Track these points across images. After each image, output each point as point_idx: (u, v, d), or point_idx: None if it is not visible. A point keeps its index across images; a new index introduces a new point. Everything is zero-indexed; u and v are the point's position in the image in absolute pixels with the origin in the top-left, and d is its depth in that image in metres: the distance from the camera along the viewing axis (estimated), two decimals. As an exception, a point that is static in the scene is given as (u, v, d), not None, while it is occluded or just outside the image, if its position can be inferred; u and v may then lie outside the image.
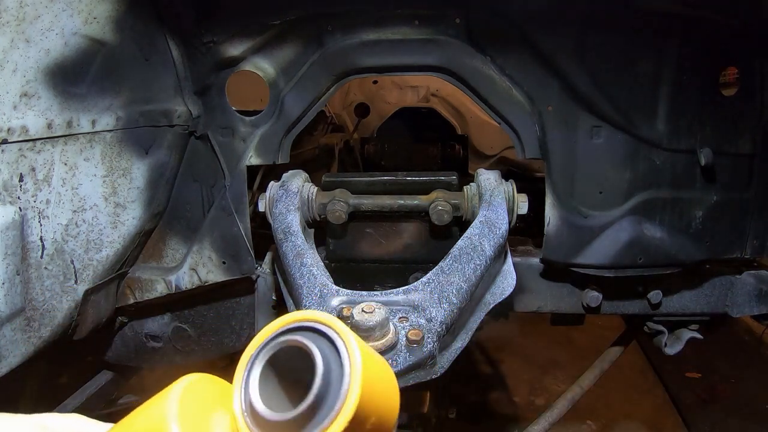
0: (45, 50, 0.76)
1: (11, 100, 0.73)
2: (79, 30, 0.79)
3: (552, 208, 0.97)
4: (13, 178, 0.75)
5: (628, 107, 0.92)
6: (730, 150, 0.97)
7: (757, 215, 1.00)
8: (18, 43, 0.72)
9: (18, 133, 0.74)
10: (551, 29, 0.90)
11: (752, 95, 0.96)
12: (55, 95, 0.78)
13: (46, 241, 0.81)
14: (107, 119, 0.88)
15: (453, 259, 0.74)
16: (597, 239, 0.97)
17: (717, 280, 1.06)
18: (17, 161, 0.75)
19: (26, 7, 0.72)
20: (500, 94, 0.96)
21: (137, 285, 1.05)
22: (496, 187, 0.92)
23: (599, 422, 2.07)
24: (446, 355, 0.69)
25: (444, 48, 0.95)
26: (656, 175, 0.95)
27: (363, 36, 0.95)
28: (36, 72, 0.75)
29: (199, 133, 1.03)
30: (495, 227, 0.86)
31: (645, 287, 1.05)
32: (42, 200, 0.80)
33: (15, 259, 0.75)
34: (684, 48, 0.91)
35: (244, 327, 1.13)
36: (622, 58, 0.91)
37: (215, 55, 0.97)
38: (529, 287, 1.07)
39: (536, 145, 0.97)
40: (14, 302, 0.76)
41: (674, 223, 0.97)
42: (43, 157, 0.79)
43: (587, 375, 1.29)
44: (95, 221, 0.90)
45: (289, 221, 0.91)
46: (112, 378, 1.27)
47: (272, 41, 0.97)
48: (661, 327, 1.11)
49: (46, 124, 0.78)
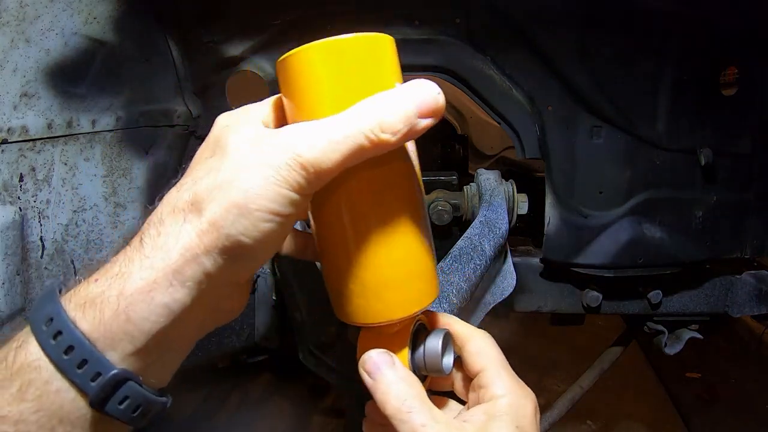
0: (45, 50, 0.76)
1: (11, 100, 0.73)
2: (79, 30, 0.79)
3: (552, 208, 0.97)
4: (13, 178, 0.75)
5: (628, 107, 0.92)
6: (730, 150, 0.97)
7: (757, 215, 1.00)
8: (18, 43, 0.72)
9: (18, 133, 0.74)
10: (551, 29, 0.90)
11: (752, 95, 0.96)
12: (55, 95, 0.78)
13: (46, 241, 0.81)
14: (107, 119, 0.88)
15: (453, 259, 0.74)
16: (597, 239, 0.97)
17: (717, 280, 1.06)
18: (17, 161, 0.75)
19: (26, 7, 0.72)
20: (500, 94, 0.96)
21: (137, 285, 1.05)
22: (496, 187, 0.92)
23: (599, 422, 2.07)
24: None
25: (444, 48, 0.95)
26: (656, 175, 0.95)
27: (363, 36, 0.95)
28: (36, 72, 0.75)
29: (199, 133, 1.03)
30: (495, 227, 0.86)
31: (645, 287, 1.05)
32: (42, 200, 0.80)
33: (15, 259, 0.75)
34: (684, 48, 0.91)
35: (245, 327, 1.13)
36: (622, 58, 0.91)
37: (215, 55, 0.97)
38: (529, 287, 1.07)
39: (536, 145, 0.97)
40: (14, 302, 0.76)
41: (674, 223, 0.97)
42: (43, 157, 0.79)
43: (587, 375, 1.29)
44: (95, 221, 0.90)
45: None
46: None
47: (272, 41, 0.97)
48: (661, 327, 1.10)
49: (46, 124, 0.78)
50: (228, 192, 0.34)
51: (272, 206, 0.34)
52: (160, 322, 0.34)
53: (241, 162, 0.35)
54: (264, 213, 0.34)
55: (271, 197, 0.34)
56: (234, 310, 0.42)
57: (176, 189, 0.38)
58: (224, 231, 0.34)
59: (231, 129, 0.39)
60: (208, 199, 0.35)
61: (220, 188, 0.35)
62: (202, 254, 0.34)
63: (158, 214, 0.37)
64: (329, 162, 0.34)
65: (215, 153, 0.39)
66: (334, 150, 0.34)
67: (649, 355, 2.48)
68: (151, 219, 0.37)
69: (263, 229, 0.34)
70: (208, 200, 0.35)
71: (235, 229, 0.34)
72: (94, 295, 0.34)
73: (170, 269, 0.34)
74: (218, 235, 0.34)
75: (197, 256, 0.34)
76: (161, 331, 0.35)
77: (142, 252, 0.35)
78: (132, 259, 0.35)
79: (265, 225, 0.34)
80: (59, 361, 0.33)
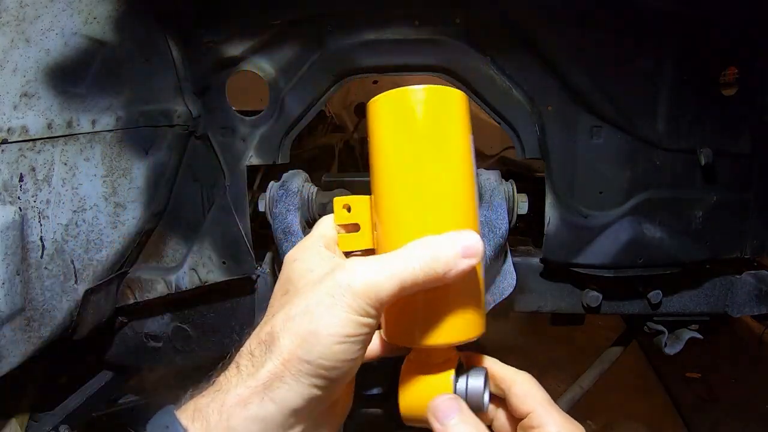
0: (45, 50, 0.76)
1: (11, 100, 0.73)
2: (79, 30, 0.79)
3: (552, 208, 0.97)
4: (13, 178, 0.75)
5: (628, 107, 0.92)
6: (730, 150, 0.97)
7: (757, 215, 1.00)
8: (18, 43, 0.72)
9: (18, 133, 0.74)
10: (551, 29, 0.90)
11: (752, 95, 0.96)
12: (55, 95, 0.78)
13: (46, 241, 0.81)
14: (107, 119, 0.88)
15: (453, 259, 0.74)
16: (597, 239, 0.97)
17: (717, 280, 1.06)
18: (17, 161, 0.75)
19: (26, 7, 0.72)
20: (500, 94, 0.96)
21: (137, 285, 1.05)
22: (496, 187, 0.92)
23: (599, 422, 2.07)
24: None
25: (444, 48, 0.95)
26: (656, 175, 0.95)
27: (363, 36, 0.95)
28: (36, 72, 0.75)
29: (199, 133, 1.03)
30: (495, 227, 0.86)
31: (645, 287, 1.05)
32: (42, 200, 0.80)
33: (15, 259, 0.75)
34: (684, 48, 0.91)
35: (245, 327, 1.13)
36: (622, 57, 0.91)
37: (215, 55, 0.97)
38: (529, 287, 1.07)
39: (536, 145, 0.97)
40: (14, 302, 0.76)
41: (674, 223, 0.97)
42: (43, 157, 0.79)
43: (587, 375, 1.29)
44: (95, 221, 0.90)
45: (289, 221, 0.90)
46: (112, 378, 1.26)
47: (272, 41, 0.97)
48: (661, 327, 1.10)
49: (46, 124, 0.78)
50: (301, 322, 0.41)
51: (342, 330, 0.40)
52: (254, 430, 0.40)
53: (311, 294, 0.42)
54: (336, 337, 0.40)
55: (339, 323, 0.40)
56: (330, 428, 0.48)
57: (260, 324, 0.45)
58: (303, 356, 0.40)
59: (298, 264, 0.48)
60: (284, 330, 0.41)
61: (293, 320, 0.41)
62: (288, 376, 0.40)
63: (248, 346, 0.44)
64: (386, 292, 0.42)
65: (288, 291, 0.47)
66: (390, 282, 0.42)
67: (649, 355, 2.48)
68: (242, 351, 0.44)
69: (337, 351, 0.40)
70: (283, 330, 0.41)
71: (312, 355, 0.40)
72: (201, 405, 0.41)
73: (261, 387, 0.40)
74: (298, 360, 0.40)
75: (283, 378, 0.40)
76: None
77: (239, 376, 0.42)
78: (230, 380, 0.42)
79: (338, 347, 0.40)
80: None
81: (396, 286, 0.41)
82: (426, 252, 0.42)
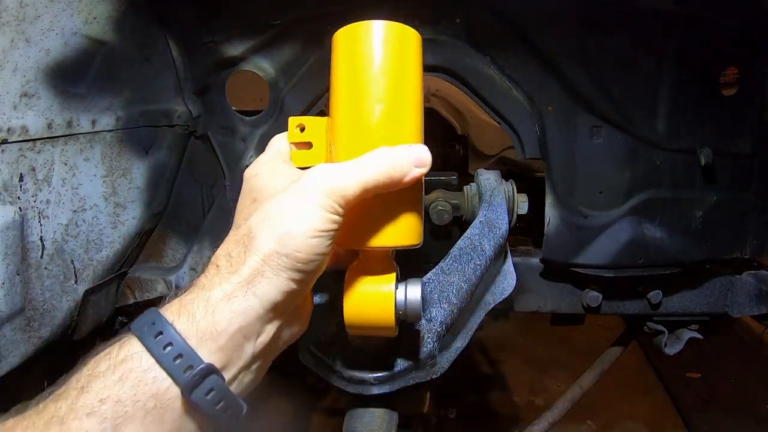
0: (45, 50, 0.76)
1: (11, 100, 0.73)
2: (79, 30, 0.79)
3: (552, 208, 0.97)
4: (13, 178, 0.75)
5: (628, 107, 0.92)
6: (730, 150, 0.97)
7: (757, 215, 1.00)
8: (18, 43, 0.72)
9: (18, 133, 0.74)
10: (551, 29, 0.90)
11: (752, 95, 0.96)
12: (55, 95, 0.78)
13: (46, 241, 0.81)
14: (107, 119, 0.88)
15: (453, 259, 0.74)
16: (597, 239, 0.97)
17: (717, 280, 1.06)
18: (17, 161, 0.75)
19: (26, 7, 0.72)
20: (500, 94, 0.96)
21: (137, 285, 1.05)
22: (496, 187, 0.91)
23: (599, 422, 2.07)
24: (446, 355, 0.69)
25: (444, 48, 0.95)
26: (656, 175, 0.95)
27: (363, 36, 0.95)
28: (36, 72, 0.75)
29: (199, 133, 1.03)
30: (495, 227, 0.86)
31: (645, 287, 1.05)
32: (42, 200, 0.80)
33: (15, 259, 0.75)
34: (684, 48, 0.91)
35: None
36: (622, 58, 0.91)
37: (215, 55, 0.97)
38: (529, 287, 1.07)
39: (536, 145, 0.97)
40: (14, 302, 0.76)
41: (674, 223, 0.97)
42: (43, 157, 0.79)
43: (587, 375, 1.29)
44: (95, 221, 0.90)
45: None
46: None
47: (272, 41, 0.97)
48: (661, 327, 1.10)
49: (46, 124, 0.78)
50: (277, 221, 0.44)
51: (315, 225, 0.44)
52: (237, 322, 0.43)
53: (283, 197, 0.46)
54: (310, 231, 0.44)
55: (312, 219, 0.44)
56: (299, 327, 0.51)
57: (233, 229, 0.48)
58: (281, 251, 0.43)
59: (260, 177, 0.51)
60: (260, 229, 0.45)
61: (268, 220, 0.45)
62: (268, 271, 0.43)
63: (224, 249, 0.46)
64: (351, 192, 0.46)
65: (256, 199, 0.50)
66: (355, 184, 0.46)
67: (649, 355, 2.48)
68: (219, 254, 0.46)
69: (312, 244, 0.44)
70: (259, 230, 0.45)
71: (289, 248, 0.43)
72: (186, 302, 0.44)
73: (244, 282, 0.43)
74: (277, 255, 0.43)
75: (263, 273, 0.43)
76: (237, 331, 0.43)
77: (220, 275, 0.45)
78: (212, 279, 0.45)
79: (312, 241, 0.44)
80: (159, 355, 0.41)
81: (360, 187, 0.46)
82: (385, 160, 0.47)
